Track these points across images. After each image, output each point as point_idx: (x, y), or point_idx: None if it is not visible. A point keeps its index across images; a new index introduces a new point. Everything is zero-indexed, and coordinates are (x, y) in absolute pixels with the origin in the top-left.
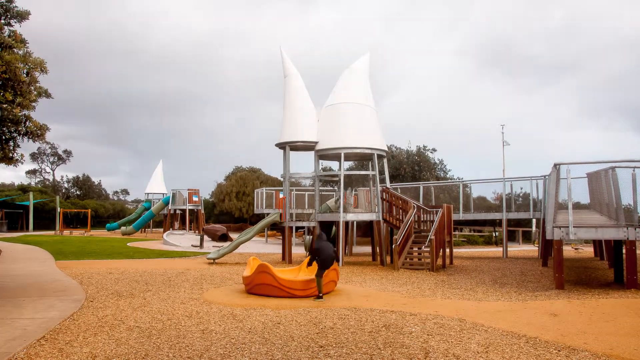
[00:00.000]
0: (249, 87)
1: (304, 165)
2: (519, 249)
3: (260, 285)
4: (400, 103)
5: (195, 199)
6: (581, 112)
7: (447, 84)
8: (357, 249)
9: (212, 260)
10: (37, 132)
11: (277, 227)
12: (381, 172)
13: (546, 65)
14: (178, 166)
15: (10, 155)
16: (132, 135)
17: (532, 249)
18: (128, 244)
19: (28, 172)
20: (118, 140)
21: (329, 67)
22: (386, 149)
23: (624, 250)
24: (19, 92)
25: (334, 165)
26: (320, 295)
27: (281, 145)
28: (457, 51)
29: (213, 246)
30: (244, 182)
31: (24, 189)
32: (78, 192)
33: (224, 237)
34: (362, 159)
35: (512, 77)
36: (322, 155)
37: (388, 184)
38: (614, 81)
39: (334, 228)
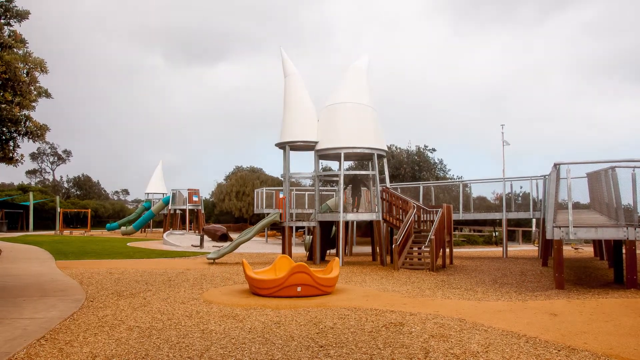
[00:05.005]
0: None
1: (304, 165)
2: (519, 248)
3: (292, 287)
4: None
5: (195, 198)
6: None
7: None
8: (357, 249)
9: (212, 260)
10: (37, 132)
11: (277, 227)
12: (381, 172)
13: None
14: (178, 166)
15: (10, 155)
16: None
17: (532, 249)
18: (128, 244)
19: (28, 172)
20: None
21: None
22: (386, 148)
23: (623, 250)
24: (18, 92)
25: (334, 165)
26: None
27: (281, 145)
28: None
29: (213, 246)
30: (244, 182)
31: (24, 189)
32: (78, 192)
33: (224, 237)
34: (362, 158)
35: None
36: (322, 155)
37: (388, 184)
38: None
39: (334, 228)
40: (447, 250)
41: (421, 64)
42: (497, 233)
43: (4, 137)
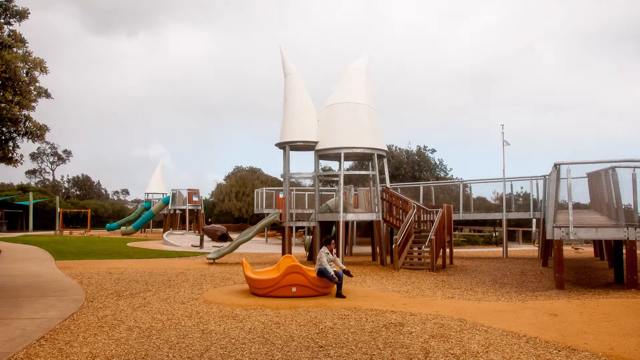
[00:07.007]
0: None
1: (304, 165)
2: (519, 249)
3: (287, 287)
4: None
5: (195, 199)
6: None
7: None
8: (357, 249)
9: (212, 261)
10: (37, 132)
11: (277, 227)
12: (381, 172)
13: None
14: (178, 166)
15: (10, 155)
16: None
17: (532, 249)
18: (128, 244)
19: (28, 172)
20: None
21: (328, 65)
22: (386, 148)
23: (624, 250)
24: (18, 92)
25: (334, 165)
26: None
27: (281, 145)
28: None
29: (213, 246)
30: (244, 182)
31: (23, 189)
32: (78, 192)
33: (223, 237)
34: (362, 159)
35: None
36: (322, 155)
37: (388, 184)
38: None
39: (334, 228)
40: (447, 250)
41: (403, 47)
42: (497, 233)
43: (3, 138)
